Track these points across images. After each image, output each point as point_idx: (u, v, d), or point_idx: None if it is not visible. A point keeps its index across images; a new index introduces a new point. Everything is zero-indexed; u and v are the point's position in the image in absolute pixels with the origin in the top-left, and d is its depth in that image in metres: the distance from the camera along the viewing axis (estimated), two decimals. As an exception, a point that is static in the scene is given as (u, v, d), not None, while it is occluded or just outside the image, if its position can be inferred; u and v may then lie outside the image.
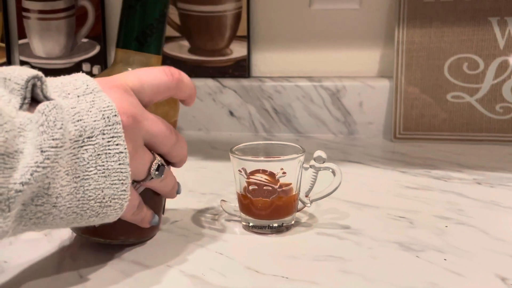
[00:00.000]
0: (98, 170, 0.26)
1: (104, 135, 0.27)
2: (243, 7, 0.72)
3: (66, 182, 0.25)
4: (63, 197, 0.25)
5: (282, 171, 0.35)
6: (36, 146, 0.24)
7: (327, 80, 0.71)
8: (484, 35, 0.65)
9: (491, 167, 0.54)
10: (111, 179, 0.27)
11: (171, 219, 0.39)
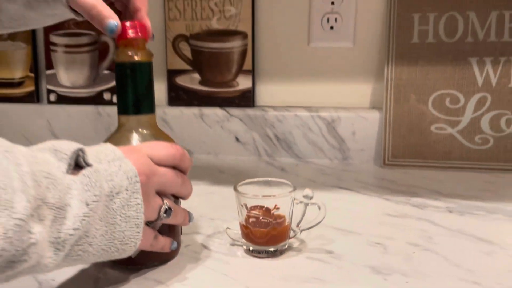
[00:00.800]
0: (121, 217, 0.34)
1: (127, 191, 0.35)
2: (249, 44, 0.80)
3: (99, 226, 0.33)
4: (97, 238, 0.33)
5: (276, 207, 0.43)
6: (82, 200, 0.31)
7: (324, 111, 0.78)
8: (464, 74, 0.72)
9: (465, 195, 0.61)
10: (130, 224, 0.35)
11: (185, 243, 0.47)
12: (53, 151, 0.33)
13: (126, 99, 0.42)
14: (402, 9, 0.73)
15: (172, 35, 0.82)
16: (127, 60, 0.41)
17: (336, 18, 0.77)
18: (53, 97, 0.88)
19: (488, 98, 0.71)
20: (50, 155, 0.33)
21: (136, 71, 0.42)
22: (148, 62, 0.42)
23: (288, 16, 0.79)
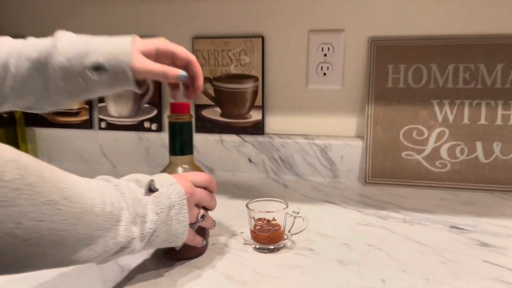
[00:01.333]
0: (175, 221, 0.55)
1: (179, 205, 0.56)
2: (259, 85, 1.01)
3: (163, 226, 0.54)
4: (161, 233, 0.54)
5: (274, 219, 0.64)
6: (154, 212, 0.53)
7: (318, 139, 0.99)
8: (427, 112, 0.91)
9: (420, 209, 0.80)
10: (180, 225, 0.56)
11: (212, 242, 0.68)
12: (136, 181, 0.54)
13: (175, 146, 0.63)
14: (379, 61, 0.94)
15: (199, 77, 1.03)
16: (176, 121, 0.63)
17: (328, 66, 0.97)
18: (103, 125, 1.10)
19: (446, 132, 0.91)
20: (135, 184, 0.54)
21: (182, 128, 0.63)
22: (189, 122, 0.64)
23: (290, 64, 1.00)
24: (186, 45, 1.03)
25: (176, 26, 1.05)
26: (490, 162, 0.89)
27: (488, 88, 0.88)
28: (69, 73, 0.59)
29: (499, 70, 0.88)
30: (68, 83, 0.59)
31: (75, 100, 0.62)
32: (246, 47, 1.00)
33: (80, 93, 0.61)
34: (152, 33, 1.04)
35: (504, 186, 0.88)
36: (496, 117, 0.88)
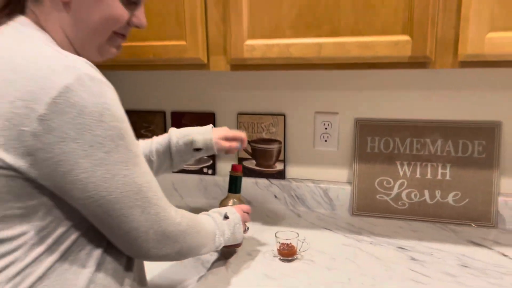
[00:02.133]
0: (237, 232, 1.04)
1: (238, 224, 1.04)
2: (282, 146, 1.49)
3: (231, 235, 1.03)
4: (230, 238, 1.03)
5: (291, 243, 1.13)
6: (228, 229, 1.01)
7: (321, 183, 1.47)
8: (393, 169, 1.38)
9: (384, 234, 1.27)
10: (239, 234, 1.05)
11: (255, 254, 1.17)
12: (219, 213, 1.03)
13: (231, 188, 1.15)
14: (361, 134, 1.41)
15: (241, 139, 1.52)
16: (235, 175, 1.13)
17: (328, 136, 1.45)
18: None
19: (405, 182, 1.38)
20: (219, 214, 1.03)
21: (237, 179, 1.14)
22: (241, 176, 1.14)
23: (303, 133, 1.48)
24: (233, 119, 1.53)
25: (228, 107, 1.54)
26: (433, 203, 1.35)
27: (432, 154, 1.35)
28: (183, 153, 1.10)
29: (439, 143, 1.34)
30: (181, 158, 1.12)
31: (182, 164, 1.14)
32: (273, 121, 1.49)
33: (187, 161, 1.14)
34: (211, 110, 1.54)
35: (442, 219, 1.34)
36: (437, 174, 1.35)
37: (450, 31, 0.99)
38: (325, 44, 1.05)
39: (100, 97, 0.62)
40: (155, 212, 0.70)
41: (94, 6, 0.71)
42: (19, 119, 0.59)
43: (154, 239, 0.71)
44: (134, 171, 0.66)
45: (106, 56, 0.78)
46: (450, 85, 1.32)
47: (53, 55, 0.63)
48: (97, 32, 0.74)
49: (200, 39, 1.14)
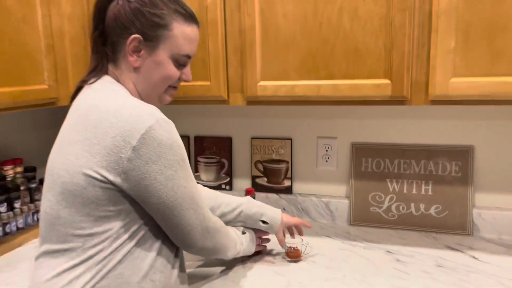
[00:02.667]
0: (249, 245, 1.30)
1: (252, 239, 1.31)
2: (289, 166, 1.74)
3: (245, 246, 1.28)
4: (245, 247, 1.28)
5: (297, 247, 1.37)
6: (246, 242, 1.27)
7: (323, 197, 1.71)
8: (384, 185, 1.62)
9: (375, 240, 1.51)
10: (253, 246, 1.31)
11: (271, 257, 1.41)
12: (238, 228, 1.28)
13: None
14: (357, 156, 1.66)
15: (254, 160, 1.78)
16: (249, 195, 1.38)
17: (328, 157, 1.70)
18: (197, 185, 1.87)
19: (394, 197, 1.62)
20: (239, 230, 1.28)
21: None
22: (254, 196, 1.39)
23: (307, 155, 1.73)
24: (248, 142, 1.79)
25: (243, 132, 1.80)
26: (418, 215, 1.59)
27: (416, 173, 1.59)
28: (249, 219, 1.33)
29: (422, 164, 1.58)
30: (246, 223, 1.33)
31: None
32: (281, 145, 1.74)
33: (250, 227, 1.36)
34: (228, 135, 1.81)
35: (426, 228, 1.58)
36: (421, 189, 1.58)
37: (422, 76, 1.24)
38: (323, 85, 1.31)
39: (171, 133, 0.88)
40: (202, 213, 0.97)
41: (156, 69, 0.98)
42: (118, 149, 0.84)
43: (200, 233, 0.98)
44: (190, 184, 0.93)
45: (163, 103, 1.06)
46: (430, 116, 1.57)
47: (138, 105, 0.90)
48: (157, 87, 1.01)
49: (222, 80, 1.41)
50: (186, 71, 1.05)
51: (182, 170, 0.90)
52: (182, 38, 0.99)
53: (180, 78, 1.04)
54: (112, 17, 0.96)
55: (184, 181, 0.91)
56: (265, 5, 1.33)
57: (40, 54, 1.41)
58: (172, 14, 0.97)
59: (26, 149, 1.77)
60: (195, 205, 0.95)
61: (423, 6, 1.20)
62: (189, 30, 1.00)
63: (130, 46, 0.96)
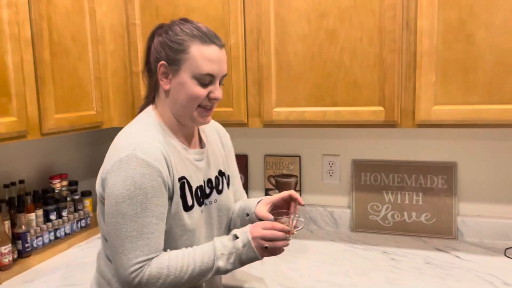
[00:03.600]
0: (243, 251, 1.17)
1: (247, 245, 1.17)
2: (298, 180, 2.00)
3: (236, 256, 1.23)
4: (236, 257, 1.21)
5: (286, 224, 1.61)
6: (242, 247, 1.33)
7: (328, 207, 1.96)
8: (380, 197, 1.87)
9: (373, 243, 1.75)
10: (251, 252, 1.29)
11: (280, 257, 1.66)
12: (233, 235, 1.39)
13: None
14: (357, 171, 1.91)
15: (267, 175, 2.03)
16: (268, 209, 1.63)
17: (332, 172, 1.96)
18: (216, 197, 2.12)
19: (390, 207, 1.86)
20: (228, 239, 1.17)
21: None
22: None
23: (313, 170, 1.99)
24: (261, 159, 2.05)
25: (257, 150, 2.06)
26: (411, 222, 1.83)
27: (408, 186, 1.84)
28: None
29: (413, 178, 1.83)
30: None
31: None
32: (291, 161, 2.00)
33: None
34: (245, 153, 2.07)
35: (417, 233, 1.82)
36: (413, 200, 1.83)
37: (409, 104, 1.51)
38: (328, 111, 1.58)
39: (130, 171, 0.99)
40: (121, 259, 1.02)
41: (181, 90, 1.07)
42: (103, 170, 1.05)
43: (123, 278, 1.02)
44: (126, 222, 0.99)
45: (197, 124, 1.12)
46: (418, 137, 1.83)
47: (129, 138, 1.04)
48: (186, 107, 1.08)
49: (242, 106, 1.68)
50: (214, 89, 1.09)
51: (128, 208, 0.99)
52: (200, 58, 1.05)
53: (208, 97, 1.09)
54: (151, 52, 1.16)
55: (121, 218, 0.98)
56: (279, 45, 1.60)
57: (90, 85, 1.68)
58: (190, 39, 1.06)
59: (70, 165, 2.03)
60: (122, 247, 0.99)
61: (409, 47, 1.48)
62: (207, 50, 1.06)
63: (159, 71, 1.09)
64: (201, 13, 1.67)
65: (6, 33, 1.31)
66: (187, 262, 1.03)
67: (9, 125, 1.31)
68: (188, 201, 1.11)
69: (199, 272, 1.04)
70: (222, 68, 1.10)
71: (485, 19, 1.37)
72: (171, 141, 1.11)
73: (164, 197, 1.04)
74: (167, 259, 1.03)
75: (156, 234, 1.02)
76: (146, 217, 1.00)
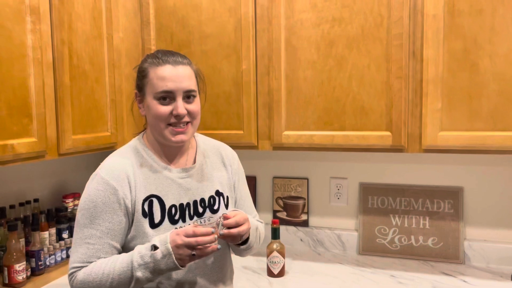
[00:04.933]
0: (161, 262, 1.04)
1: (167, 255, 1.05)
2: (306, 202, 2.03)
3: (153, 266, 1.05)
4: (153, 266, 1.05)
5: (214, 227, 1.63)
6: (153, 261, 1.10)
7: (336, 230, 1.98)
8: (387, 220, 1.90)
9: (379, 266, 1.77)
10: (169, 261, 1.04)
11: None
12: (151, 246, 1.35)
13: (274, 235, 1.66)
14: (364, 194, 1.94)
15: (275, 197, 2.07)
16: (275, 227, 1.66)
17: (340, 195, 1.99)
18: (225, 218, 2.15)
19: (397, 230, 1.88)
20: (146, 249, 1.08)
21: (277, 230, 1.67)
22: (279, 227, 1.67)
23: (321, 193, 2.02)
24: (270, 181, 2.09)
25: (266, 172, 2.10)
26: (418, 246, 1.85)
27: (415, 210, 1.86)
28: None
29: (420, 202, 1.86)
30: None
31: None
32: (299, 183, 2.03)
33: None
34: (253, 174, 2.10)
35: (424, 257, 1.83)
36: (420, 224, 1.85)
37: (416, 130, 1.55)
38: (336, 136, 1.62)
39: (91, 189, 1.13)
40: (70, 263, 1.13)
41: (149, 112, 1.15)
42: None
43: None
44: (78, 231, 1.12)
45: (169, 142, 1.15)
46: (425, 162, 1.86)
47: (105, 160, 1.17)
48: (156, 127, 1.15)
49: (253, 129, 1.72)
50: (175, 106, 1.13)
51: (80, 218, 1.12)
52: (155, 78, 1.14)
53: (173, 113, 1.13)
54: None
55: (76, 225, 1.14)
56: (289, 71, 1.66)
57: (106, 107, 1.74)
58: (149, 65, 1.16)
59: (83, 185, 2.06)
60: (71, 250, 1.13)
61: (416, 75, 1.53)
62: (160, 70, 1.14)
63: (136, 99, 1.21)
64: (214, 39, 1.73)
65: (30, 57, 1.37)
66: (108, 270, 1.08)
67: (29, 146, 1.36)
68: (155, 218, 1.15)
69: (119, 281, 1.07)
70: (179, 84, 1.13)
71: (489, 49, 1.42)
72: (148, 162, 1.19)
73: (115, 215, 1.12)
74: (92, 266, 1.10)
75: (96, 247, 1.10)
76: (91, 229, 1.11)
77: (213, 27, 1.74)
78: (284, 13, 1.65)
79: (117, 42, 1.78)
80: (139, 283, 1.07)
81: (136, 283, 1.07)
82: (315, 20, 1.61)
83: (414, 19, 1.51)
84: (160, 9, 1.81)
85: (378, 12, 1.54)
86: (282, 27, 1.65)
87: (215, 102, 1.75)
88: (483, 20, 1.43)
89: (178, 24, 1.79)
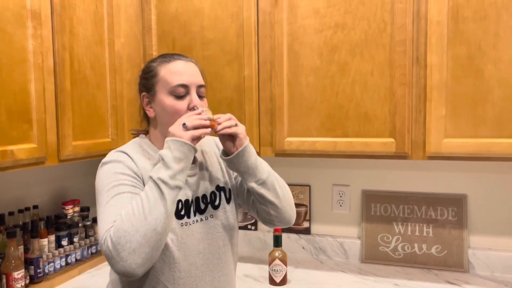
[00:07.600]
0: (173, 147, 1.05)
1: (174, 141, 1.53)
2: (308, 210, 2.01)
3: (174, 154, 1.49)
4: (173, 155, 1.49)
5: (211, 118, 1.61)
6: (173, 157, 1.50)
7: (338, 238, 1.96)
8: (390, 228, 1.88)
9: (381, 275, 1.74)
10: (179, 140, 1.52)
11: (290, 287, 1.65)
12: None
13: (276, 243, 1.64)
14: (367, 201, 1.92)
15: (277, 204, 2.05)
16: (277, 234, 1.64)
17: (342, 202, 1.97)
18: (226, 225, 2.13)
19: (400, 238, 1.86)
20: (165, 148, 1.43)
21: (279, 237, 1.64)
22: (281, 235, 1.64)
23: (323, 200, 2.00)
24: (271, 188, 2.06)
25: (265, 177, 2.08)
26: (421, 254, 1.83)
27: (418, 217, 1.84)
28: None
29: (423, 209, 1.84)
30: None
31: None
32: (301, 190, 2.01)
33: None
34: (253, 180, 2.08)
35: (428, 266, 1.81)
36: (423, 232, 1.83)
37: (419, 136, 1.53)
38: (339, 142, 1.60)
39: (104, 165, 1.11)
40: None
41: (163, 110, 1.12)
42: None
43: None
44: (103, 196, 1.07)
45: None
46: (429, 169, 1.85)
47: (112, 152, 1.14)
48: (171, 123, 1.07)
49: (255, 136, 1.71)
50: (190, 100, 1.13)
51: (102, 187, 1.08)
52: (168, 74, 1.13)
53: (189, 108, 1.12)
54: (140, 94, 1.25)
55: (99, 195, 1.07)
56: (292, 77, 1.65)
57: (107, 113, 1.73)
58: (158, 64, 1.16)
59: (82, 191, 2.05)
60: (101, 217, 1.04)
61: (419, 81, 1.51)
62: (172, 65, 1.14)
63: (143, 102, 1.18)
64: (216, 45, 1.72)
65: (31, 62, 1.36)
66: (135, 203, 1.00)
67: (29, 152, 1.34)
68: None
69: (150, 204, 0.99)
70: (193, 78, 1.14)
71: (493, 55, 1.41)
72: (154, 157, 1.15)
73: (136, 179, 1.10)
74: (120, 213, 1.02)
75: (126, 195, 1.05)
76: (117, 185, 1.06)
77: (215, 33, 1.73)
78: (286, 19, 1.64)
79: (118, 47, 1.77)
80: (170, 191, 1.00)
81: (168, 193, 1.00)
82: (318, 26, 1.61)
83: (417, 25, 1.50)
84: (162, 14, 1.80)
85: (382, 18, 1.53)
86: (284, 33, 1.65)
87: (217, 108, 1.74)
88: (487, 26, 1.42)
89: (180, 29, 1.78)
